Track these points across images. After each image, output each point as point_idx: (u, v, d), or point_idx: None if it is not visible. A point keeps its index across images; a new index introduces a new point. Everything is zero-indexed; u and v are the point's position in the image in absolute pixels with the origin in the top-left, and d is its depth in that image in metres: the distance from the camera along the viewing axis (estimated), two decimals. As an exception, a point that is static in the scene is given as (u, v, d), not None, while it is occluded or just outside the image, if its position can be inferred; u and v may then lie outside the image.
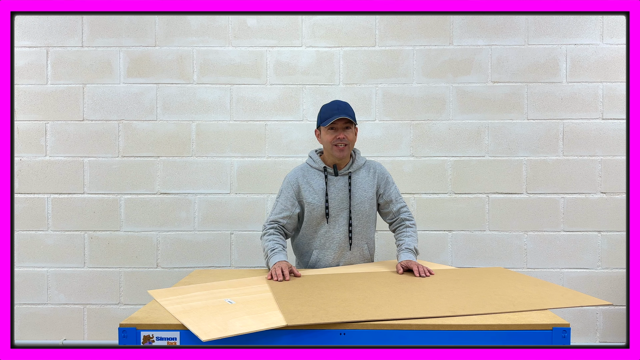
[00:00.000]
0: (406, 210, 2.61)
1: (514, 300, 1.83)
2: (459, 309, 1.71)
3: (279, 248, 2.40)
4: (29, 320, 3.34)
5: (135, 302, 3.35)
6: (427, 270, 2.27)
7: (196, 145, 3.33)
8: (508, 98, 3.30)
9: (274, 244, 2.41)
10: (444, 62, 3.31)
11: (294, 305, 1.75)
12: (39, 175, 3.32)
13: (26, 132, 3.32)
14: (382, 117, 3.32)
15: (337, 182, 2.52)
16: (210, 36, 3.30)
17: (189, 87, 3.31)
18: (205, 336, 1.47)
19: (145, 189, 3.33)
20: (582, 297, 1.89)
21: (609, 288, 3.31)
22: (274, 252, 2.38)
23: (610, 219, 3.30)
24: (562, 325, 1.57)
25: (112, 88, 3.31)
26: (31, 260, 3.33)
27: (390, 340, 1.57)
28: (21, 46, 3.29)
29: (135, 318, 1.66)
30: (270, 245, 2.41)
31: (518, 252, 3.33)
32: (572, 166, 3.30)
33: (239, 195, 3.34)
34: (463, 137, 3.32)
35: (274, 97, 3.32)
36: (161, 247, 3.34)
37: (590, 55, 3.28)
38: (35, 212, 3.33)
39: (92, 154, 3.33)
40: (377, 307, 1.73)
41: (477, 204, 3.33)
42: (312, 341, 1.57)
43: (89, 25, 3.30)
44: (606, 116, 3.29)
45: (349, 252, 2.55)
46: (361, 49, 3.30)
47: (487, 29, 3.30)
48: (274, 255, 2.36)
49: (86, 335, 3.35)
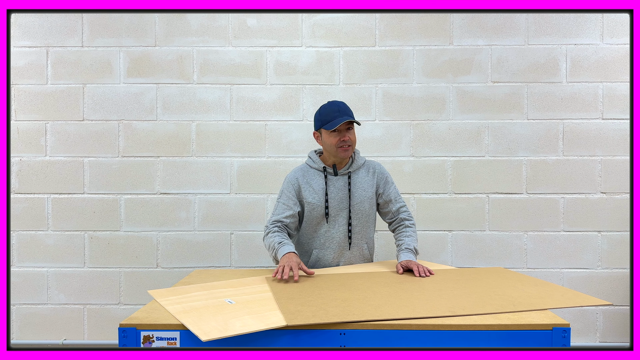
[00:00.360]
0: (405, 210, 2.60)
1: (514, 300, 1.82)
2: (459, 309, 1.70)
3: (287, 241, 2.38)
4: (29, 320, 3.34)
5: (135, 302, 3.34)
6: (427, 270, 2.27)
7: (196, 145, 3.33)
8: (508, 98, 3.30)
9: (280, 238, 2.38)
10: (444, 62, 3.31)
11: (294, 305, 1.75)
12: (39, 175, 3.32)
13: (26, 132, 3.31)
14: (382, 117, 3.32)
15: (337, 182, 2.52)
16: (210, 36, 3.30)
17: (189, 87, 3.31)
18: (205, 336, 1.47)
19: (145, 189, 3.33)
20: (582, 297, 1.88)
21: (609, 288, 3.31)
22: (282, 244, 2.34)
23: (611, 219, 3.30)
24: (562, 325, 1.57)
25: (112, 88, 3.31)
26: (31, 260, 3.33)
27: (390, 340, 1.57)
28: (21, 46, 3.29)
29: (135, 318, 1.65)
30: (276, 240, 2.37)
31: (518, 252, 3.33)
32: (572, 166, 3.30)
33: (239, 195, 3.33)
34: (463, 137, 3.32)
35: (274, 97, 3.32)
36: (161, 247, 3.34)
37: (590, 55, 3.28)
38: (35, 212, 3.32)
39: (92, 154, 3.33)
40: (377, 307, 1.73)
41: (477, 204, 3.33)
42: (312, 341, 1.56)
43: (89, 25, 3.29)
44: (606, 116, 3.29)
45: (348, 252, 2.55)
46: (361, 49, 3.30)
47: (487, 29, 3.30)
48: (282, 246, 2.32)
49: (86, 335, 3.35)
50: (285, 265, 2.17)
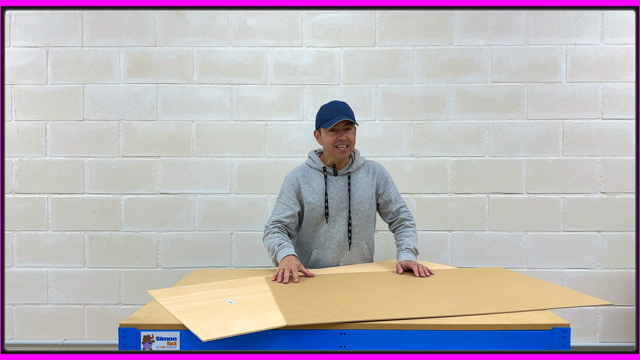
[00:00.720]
0: (406, 210, 2.60)
1: (514, 300, 1.82)
2: (459, 309, 1.70)
3: (286, 243, 2.38)
4: (29, 320, 3.33)
5: (135, 302, 3.34)
6: (427, 270, 2.27)
7: (196, 145, 3.32)
8: (508, 98, 3.30)
9: (280, 240, 2.38)
10: (444, 62, 3.30)
11: (294, 305, 1.75)
12: (39, 175, 3.32)
13: (26, 132, 3.31)
14: (382, 117, 3.32)
15: (337, 182, 2.52)
16: (210, 36, 3.30)
17: (189, 87, 3.31)
18: (206, 336, 1.46)
19: (145, 189, 3.33)
20: (582, 297, 1.88)
21: (609, 288, 3.31)
22: (281, 246, 2.34)
23: (611, 219, 3.30)
24: (562, 326, 1.57)
25: (112, 88, 3.31)
26: (31, 260, 3.33)
27: (390, 340, 1.57)
28: (21, 46, 3.29)
29: (135, 318, 1.65)
30: (276, 241, 2.37)
31: (518, 252, 3.33)
32: (572, 166, 3.30)
33: (239, 195, 3.33)
34: (463, 137, 3.31)
35: (274, 97, 3.32)
36: (161, 247, 3.34)
37: (590, 55, 3.28)
38: (36, 212, 3.32)
39: (92, 154, 3.32)
40: (377, 307, 1.72)
41: (477, 204, 3.32)
42: (312, 341, 1.56)
43: (89, 25, 3.29)
44: (606, 116, 3.28)
45: (348, 252, 2.55)
46: (361, 49, 3.30)
47: (487, 28, 3.29)
48: (282, 249, 2.33)
49: (86, 335, 3.34)
50: (285, 268, 2.17)
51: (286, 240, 2.40)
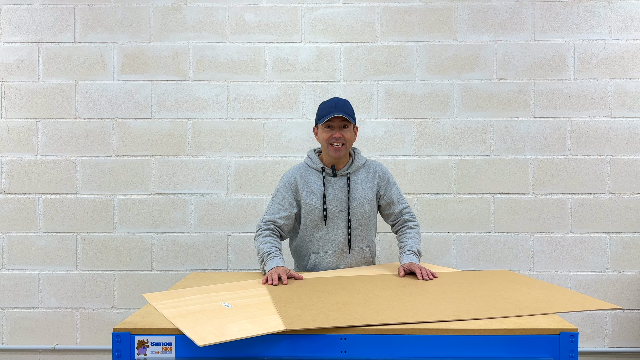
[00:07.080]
0: (409, 211, 2.59)
1: (520, 304, 1.82)
2: (464, 313, 1.71)
3: (275, 252, 2.35)
4: (20, 325, 3.30)
5: (130, 306, 3.31)
6: (431, 273, 2.26)
7: (192, 144, 3.28)
8: (514, 95, 3.26)
9: (269, 247, 2.35)
10: (447, 59, 3.26)
11: (293, 309, 1.74)
12: (30, 175, 3.28)
13: (17, 130, 3.28)
14: (384, 115, 3.27)
15: (336, 183, 2.48)
16: (207, 31, 3.27)
17: (185, 84, 3.28)
18: (202, 341, 1.45)
19: (139, 189, 3.29)
20: (591, 300, 1.88)
21: (618, 291, 3.27)
22: (270, 257, 2.32)
23: (620, 220, 3.26)
24: (570, 330, 1.56)
25: (105, 85, 3.28)
26: (22, 262, 3.29)
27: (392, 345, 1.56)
28: (11, 42, 3.27)
29: (130, 322, 1.65)
30: (266, 248, 2.35)
31: (524, 255, 3.29)
32: (580, 166, 3.26)
33: (236, 195, 3.29)
34: (467, 135, 3.27)
35: (272, 94, 3.28)
36: (156, 249, 3.30)
37: (598, 51, 3.24)
38: (26, 213, 3.29)
39: (85, 153, 3.29)
40: (378, 311, 1.71)
41: (482, 204, 3.28)
42: (312, 346, 1.56)
43: (82, 20, 3.26)
44: (615, 114, 3.25)
45: (348, 255, 2.52)
46: (362, 45, 3.26)
47: (492, 24, 3.25)
48: (271, 259, 2.31)
49: (79, 340, 3.31)
50: (274, 272, 2.19)
51: (277, 249, 2.37)
